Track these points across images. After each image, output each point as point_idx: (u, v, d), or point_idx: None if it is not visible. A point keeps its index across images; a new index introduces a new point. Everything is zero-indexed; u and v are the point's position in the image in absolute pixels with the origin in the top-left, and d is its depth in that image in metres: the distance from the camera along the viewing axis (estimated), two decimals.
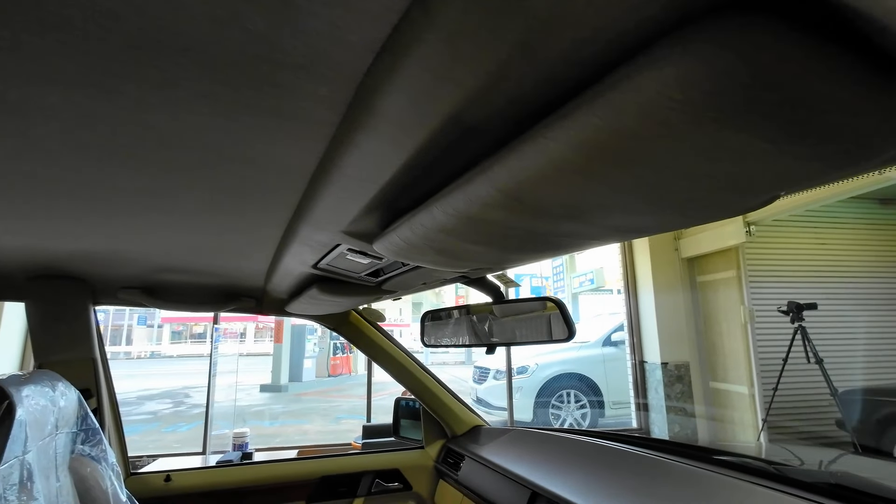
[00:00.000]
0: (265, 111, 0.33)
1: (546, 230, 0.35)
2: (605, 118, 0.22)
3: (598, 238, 0.37)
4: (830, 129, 0.21)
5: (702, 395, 4.54)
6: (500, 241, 0.40)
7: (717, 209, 0.30)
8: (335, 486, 1.45)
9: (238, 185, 0.49)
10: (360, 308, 1.45)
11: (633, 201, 0.28)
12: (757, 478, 0.94)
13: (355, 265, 0.75)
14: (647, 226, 0.33)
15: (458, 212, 0.34)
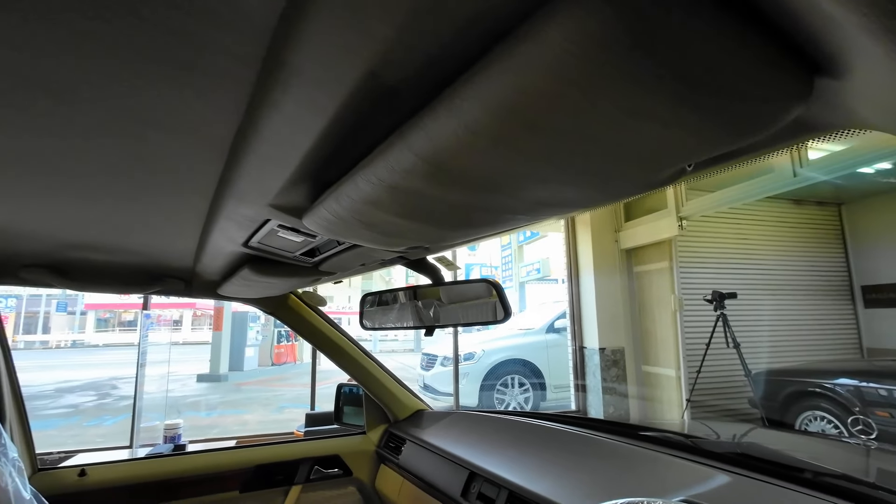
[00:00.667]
0: (172, 63, 0.30)
1: (470, 203, 0.35)
2: (512, 76, 0.22)
3: (526, 213, 0.37)
4: (717, 93, 0.22)
5: (635, 378, 4.84)
6: (426, 216, 0.40)
7: (630, 183, 0.31)
8: (271, 474, 1.41)
9: (151, 152, 0.45)
10: (300, 292, 1.40)
11: (549, 172, 0.28)
12: (676, 450, 1.01)
13: (288, 243, 0.72)
14: (569, 200, 0.33)
15: (381, 181, 0.32)
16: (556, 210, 0.37)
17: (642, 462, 0.98)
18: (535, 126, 0.24)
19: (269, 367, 10.94)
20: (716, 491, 0.81)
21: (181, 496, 1.30)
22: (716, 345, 3.91)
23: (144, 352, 4.20)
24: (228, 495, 1.35)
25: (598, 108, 0.23)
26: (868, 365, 3.84)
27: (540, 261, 13.31)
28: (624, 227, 4.97)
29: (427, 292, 0.84)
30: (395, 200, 0.36)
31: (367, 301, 0.96)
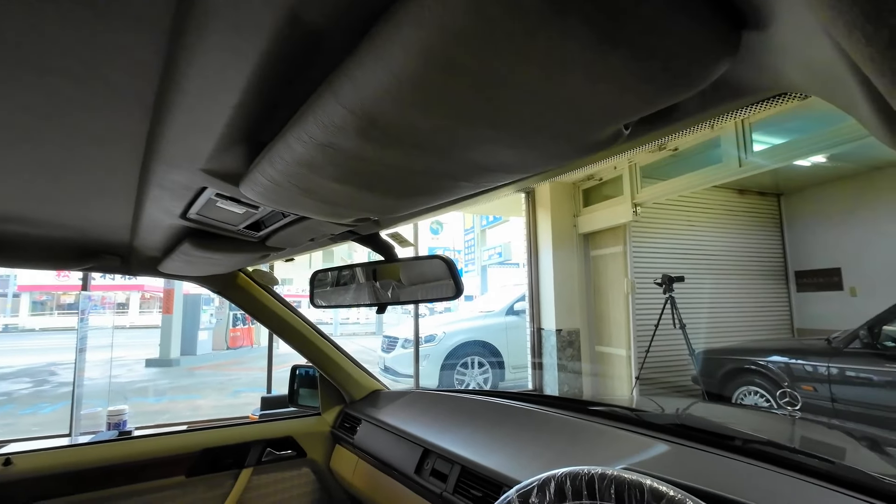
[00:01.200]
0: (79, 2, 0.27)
1: (408, 167, 0.33)
2: (430, 14, 0.21)
3: (467, 179, 0.36)
4: (642, 44, 0.22)
5: (589, 358, 5.04)
6: (365, 181, 0.38)
7: (567, 144, 0.30)
8: (220, 457, 1.37)
9: (66, 112, 0.40)
10: (251, 270, 1.34)
11: (482, 130, 0.27)
12: (621, 423, 1.05)
13: (230, 215, 0.68)
14: (508, 164, 0.33)
15: (312, 139, 0.30)
16: (497, 176, 0.36)
17: (590, 435, 1.02)
18: (461, 72, 0.23)
19: (224, 350, 10.59)
20: (655, 458, 0.85)
21: (122, 483, 1.24)
22: (663, 326, 4.12)
23: (85, 336, 3.95)
24: (173, 480, 1.29)
25: (523, 53, 0.22)
26: (797, 344, 4.16)
27: (502, 245, 13.50)
28: (582, 212, 5.10)
29: (379, 269, 0.82)
30: (331, 162, 0.34)
31: (318, 279, 0.93)
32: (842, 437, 1.33)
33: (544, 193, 5.14)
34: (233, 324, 11.07)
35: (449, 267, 0.70)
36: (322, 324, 16.27)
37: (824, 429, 1.47)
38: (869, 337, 3.11)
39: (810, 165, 5.01)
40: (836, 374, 3.25)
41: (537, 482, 0.56)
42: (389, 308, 2.39)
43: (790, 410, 1.40)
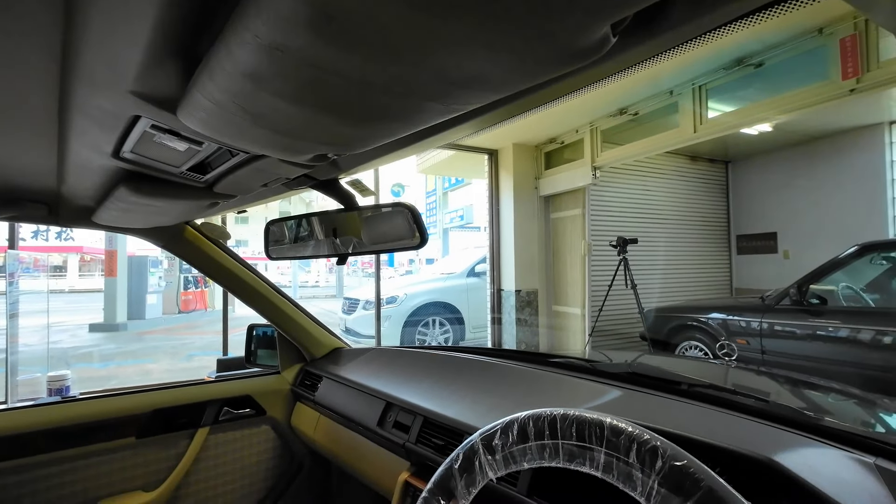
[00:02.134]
0: None
1: (371, 81, 0.30)
2: None
3: (437, 98, 0.33)
4: None
5: (546, 317, 5.23)
6: (320, 98, 0.34)
7: (549, 48, 0.27)
8: (173, 417, 1.32)
9: None
10: (199, 223, 1.25)
11: (457, 23, 0.24)
12: (577, 372, 1.09)
13: (170, 154, 0.61)
14: (484, 75, 0.30)
15: (257, 39, 0.26)
16: (470, 94, 0.32)
17: (546, 384, 1.05)
18: None
19: (175, 315, 10.18)
20: (610, 403, 0.89)
21: (65, 447, 1.18)
22: (616, 286, 4.30)
23: (16, 301, 3.66)
24: (122, 442, 1.24)
25: None
26: (734, 302, 4.47)
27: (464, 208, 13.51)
28: (543, 174, 5.14)
29: (339, 219, 0.78)
30: (280, 72, 0.30)
31: (273, 229, 0.87)
32: (772, 382, 1.45)
33: (507, 155, 5.12)
34: (184, 287, 10.61)
35: (413, 215, 0.67)
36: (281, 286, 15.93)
37: (756, 375, 1.61)
38: (798, 295, 3.39)
39: (757, 134, 5.24)
40: (767, 328, 3.54)
41: (500, 425, 0.56)
42: (350, 270, 2.36)
43: (727, 360, 1.51)
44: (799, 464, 0.57)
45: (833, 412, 1.13)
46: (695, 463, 0.42)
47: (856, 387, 1.36)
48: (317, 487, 1.59)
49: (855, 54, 2.57)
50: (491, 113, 0.44)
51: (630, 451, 0.45)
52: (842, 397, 1.32)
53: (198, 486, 1.36)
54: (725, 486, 0.40)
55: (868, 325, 3.03)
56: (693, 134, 3.53)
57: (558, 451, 0.50)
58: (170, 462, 1.31)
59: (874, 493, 0.54)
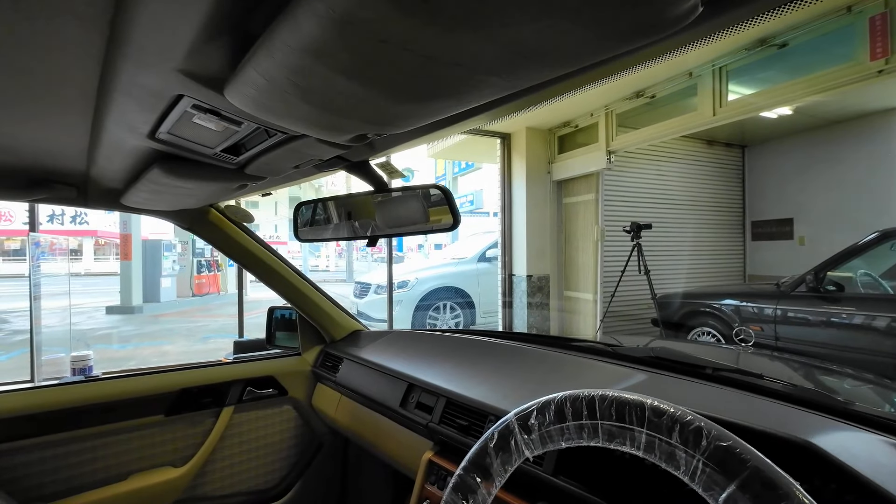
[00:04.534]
0: None
1: (438, 51, 0.29)
2: None
3: (501, 71, 0.32)
4: None
5: (557, 303, 5.23)
6: (380, 72, 0.33)
7: (631, 18, 0.26)
8: (199, 397, 1.35)
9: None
10: (222, 206, 1.26)
11: None
12: (597, 355, 1.10)
13: (207, 134, 0.61)
14: (557, 46, 0.28)
15: (333, 11, 0.25)
16: (539, 68, 0.31)
17: (569, 366, 1.05)
18: None
19: (189, 297, 10.35)
20: (636, 385, 0.89)
21: (96, 423, 1.22)
22: (629, 271, 4.28)
23: (38, 283, 3.74)
24: (152, 419, 1.28)
25: None
26: (748, 288, 4.43)
27: (473, 193, 13.44)
28: (556, 158, 5.08)
29: (369, 200, 0.78)
30: (346, 46, 0.29)
31: (302, 211, 0.87)
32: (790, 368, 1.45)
33: (520, 139, 5.06)
34: (197, 270, 10.75)
35: (446, 196, 0.67)
36: None
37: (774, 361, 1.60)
38: (814, 281, 3.34)
39: (776, 118, 5.12)
40: (782, 315, 3.51)
41: (536, 405, 0.57)
42: (360, 255, 2.37)
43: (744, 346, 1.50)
44: (836, 447, 0.57)
45: (860, 397, 1.13)
46: (740, 443, 0.42)
47: (871, 374, 1.35)
48: (337, 465, 1.63)
49: (885, 33, 2.48)
50: (544, 90, 0.44)
51: (673, 431, 0.45)
52: (859, 382, 1.31)
53: (223, 463, 1.40)
54: (772, 465, 0.40)
55: (886, 313, 2.99)
56: (712, 117, 3.45)
57: (597, 431, 0.51)
58: (197, 439, 1.35)
59: None
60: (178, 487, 1.30)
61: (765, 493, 0.38)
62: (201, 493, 1.36)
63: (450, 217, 0.68)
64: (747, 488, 0.39)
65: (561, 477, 0.77)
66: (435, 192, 0.69)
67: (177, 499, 1.31)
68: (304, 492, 1.54)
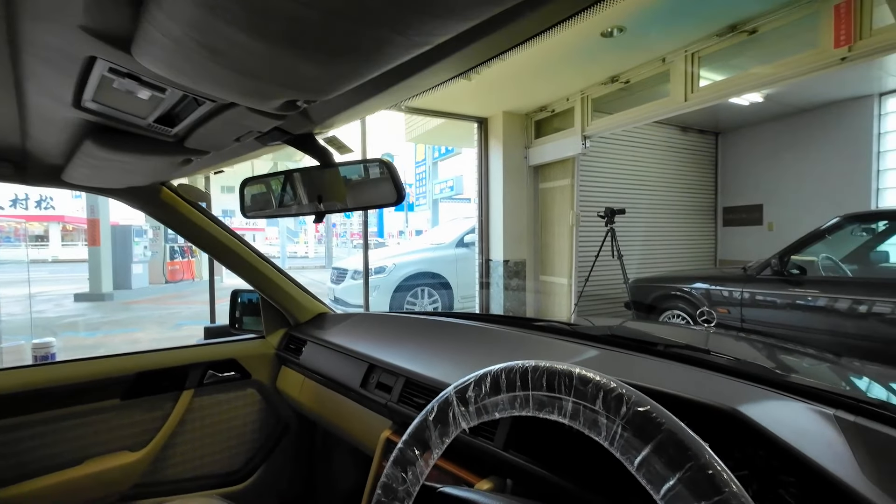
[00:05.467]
0: None
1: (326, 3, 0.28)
2: None
3: (405, 27, 0.31)
4: None
5: (533, 287, 5.29)
6: (280, 29, 0.32)
7: None
8: (157, 380, 1.33)
9: None
10: (176, 185, 1.22)
11: None
12: (559, 335, 1.11)
13: (135, 103, 0.58)
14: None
15: None
16: (433, 22, 0.30)
17: (528, 345, 1.07)
18: None
19: (162, 284, 10.11)
20: (586, 360, 0.91)
21: (48, 408, 1.18)
22: (603, 256, 4.35)
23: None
24: (107, 404, 1.25)
25: None
26: (717, 272, 4.56)
27: (453, 178, 13.41)
28: (533, 143, 5.09)
29: (316, 175, 0.76)
30: None
31: (248, 186, 0.85)
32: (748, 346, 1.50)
33: (497, 124, 5.04)
34: (170, 256, 10.50)
35: (389, 170, 0.66)
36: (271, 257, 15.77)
37: (735, 340, 1.65)
38: (779, 265, 3.45)
39: (748, 105, 5.22)
40: (748, 298, 3.63)
41: (474, 378, 0.57)
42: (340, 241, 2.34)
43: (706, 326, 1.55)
44: (762, 415, 0.59)
45: (802, 372, 1.17)
46: (657, 408, 0.43)
47: (828, 353, 1.41)
48: (303, 447, 1.63)
49: (849, 21, 2.53)
50: (463, 51, 0.42)
51: (597, 398, 0.46)
52: (814, 361, 1.36)
53: (185, 447, 1.38)
54: (685, 429, 0.41)
55: (845, 295, 3.11)
56: (684, 102, 3.49)
57: (528, 402, 0.51)
58: (155, 423, 1.32)
59: (832, 442, 0.56)
60: (137, 472, 1.28)
61: (676, 455, 0.39)
62: (161, 478, 1.35)
63: (394, 192, 0.67)
64: (661, 450, 0.40)
65: (511, 451, 0.79)
66: (379, 167, 0.68)
67: (136, 483, 1.29)
68: (269, 475, 1.53)
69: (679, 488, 0.39)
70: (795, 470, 0.54)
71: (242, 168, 2.17)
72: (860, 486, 0.50)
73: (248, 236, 15.51)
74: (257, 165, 10.69)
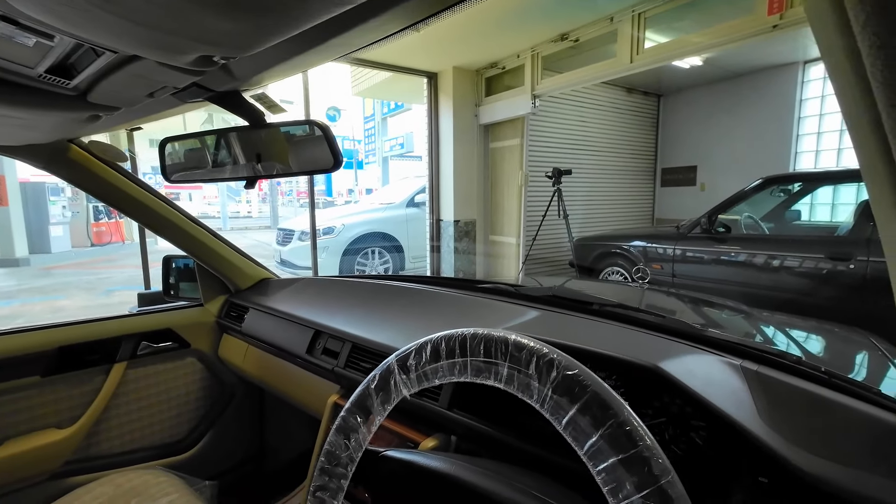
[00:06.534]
0: None
1: None
2: None
3: None
4: None
5: (483, 246, 5.38)
6: None
7: None
8: (82, 354, 1.24)
9: None
10: (87, 142, 1.09)
11: None
12: (503, 296, 1.14)
13: (19, 51, 0.50)
14: None
15: None
16: None
17: (474, 307, 1.09)
18: None
19: (87, 248, 9.31)
20: (527, 322, 0.94)
21: None
22: (550, 216, 4.47)
23: None
24: (26, 381, 1.16)
25: None
26: (653, 231, 4.83)
27: (404, 135, 13.05)
28: (484, 101, 5.01)
29: (245, 137, 0.70)
30: None
31: (170, 147, 0.77)
32: (676, 301, 1.62)
33: (447, 79, 4.90)
34: (95, 217, 9.63)
35: (325, 133, 0.61)
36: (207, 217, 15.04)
37: (666, 296, 1.78)
38: (707, 224, 3.71)
39: (689, 68, 5.38)
40: (679, 254, 3.89)
41: (415, 346, 0.58)
42: (286, 200, 2.24)
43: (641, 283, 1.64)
44: (678, 368, 0.64)
45: (718, 324, 1.29)
46: (585, 371, 0.45)
47: (750, 305, 1.56)
48: (251, 413, 1.61)
49: None
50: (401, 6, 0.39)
51: (530, 364, 0.48)
52: (732, 313, 1.50)
53: (121, 420, 1.33)
54: (608, 389, 0.44)
55: (762, 251, 3.41)
56: (629, 64, 3.54)
57: (467, 368, 0.53)
58: (85, 398, 1.25)
59: (735, 389, 0.63)
60: (67, 449, 1.22)
61: (599, 414, 0.42)
62: (97, 452, 1.29)
63: (330, 157, 0.63)
64: (585, 410, 0.43)
65: (455, 410, 0.82)
66: (313, 129, 0.64)
67: (67, 460, 1.23)
68: (216, 442, 1.51)
69: (601, 444, 0.42)
70: (705, 416, 0.60)
71: (174, 121, 1.98)
72: (756, 427, 0.56)
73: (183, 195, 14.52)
74: (193, 119, 9.78)
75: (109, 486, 1.08)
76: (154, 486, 1.10)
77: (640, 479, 0.39)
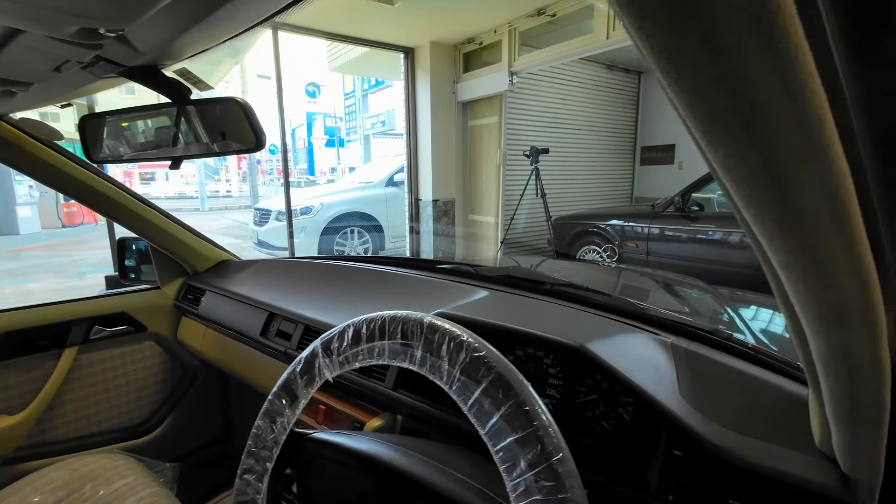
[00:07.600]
0: None
1: None
2: None
3: None
4: None
5: (462, 226, 5.38)
6: None
7: None
8: (30, 340, 1.21)
9: None
10: (17, 119, 1.04)
11: None
12: (461, 277, 1.14)
13: None
14: None
15: None
16: None
17: (428, 288, 1.09)
18: None
19: (58, 229, 9.04)
20: (472, 303, 0.95)
21: None
22: (528, 195, 4.47)
23: None
24: None
25: None
26: (630, 209, 4.88)
27: (385, 112, 12.80)
28: (462, 78, 4.93)
29: (165, 114, 0.67)
30: None
31: (90, 125, 0.73)
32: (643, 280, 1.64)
33: (424, 55, 4.79)
34: (65, 197, 9.31)
35: (245, 112, 0.59)
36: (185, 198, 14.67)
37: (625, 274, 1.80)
38: (681, 202, 3.76)
39: None
40: (654, 233, 3.95)
41: (338, 330, 0.57)
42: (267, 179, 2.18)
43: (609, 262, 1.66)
44: (606, 347, 0.65)
45: (665, 302, 1.31)
46: (492, 353, 0.46)
47: (724, 284, 1.58)
48: (215, 395, 1.61)
49: None
50: None
51: (442, 346, 0.48)
52: (686, 290, 1.53)
53: (76, 405, 1.31)
54: (513, 370, 0.44)
55: (735, 229, 3.47)
56: (605, 40, 3.50)
57: (385, 351, 0.53)
58: (34, 384, 1.23)
59: (660, 366, 0.64)
60: (19, 434, 1.20)
61: (500, 395, 0.43)
62: (52, 437, 1.28)
63: (252, 136, 0.61)
64: (488, 391, 0.43)
65: (399, 390, 0.83)
66: (232, 108, 0.61)
67: (19, 446, 1.21)
68: (179, 424, 1.51)
69: (500, 423, 0.42)
70: (630, 392, 0.61)
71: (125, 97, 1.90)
72: (673, 403, 0.57)
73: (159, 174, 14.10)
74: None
75: (65, 471, 1.07)
76: (111, 470, 1.09)
77: (533, 458, 0.40)
